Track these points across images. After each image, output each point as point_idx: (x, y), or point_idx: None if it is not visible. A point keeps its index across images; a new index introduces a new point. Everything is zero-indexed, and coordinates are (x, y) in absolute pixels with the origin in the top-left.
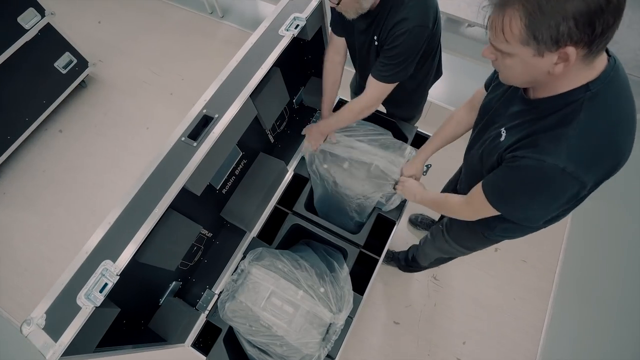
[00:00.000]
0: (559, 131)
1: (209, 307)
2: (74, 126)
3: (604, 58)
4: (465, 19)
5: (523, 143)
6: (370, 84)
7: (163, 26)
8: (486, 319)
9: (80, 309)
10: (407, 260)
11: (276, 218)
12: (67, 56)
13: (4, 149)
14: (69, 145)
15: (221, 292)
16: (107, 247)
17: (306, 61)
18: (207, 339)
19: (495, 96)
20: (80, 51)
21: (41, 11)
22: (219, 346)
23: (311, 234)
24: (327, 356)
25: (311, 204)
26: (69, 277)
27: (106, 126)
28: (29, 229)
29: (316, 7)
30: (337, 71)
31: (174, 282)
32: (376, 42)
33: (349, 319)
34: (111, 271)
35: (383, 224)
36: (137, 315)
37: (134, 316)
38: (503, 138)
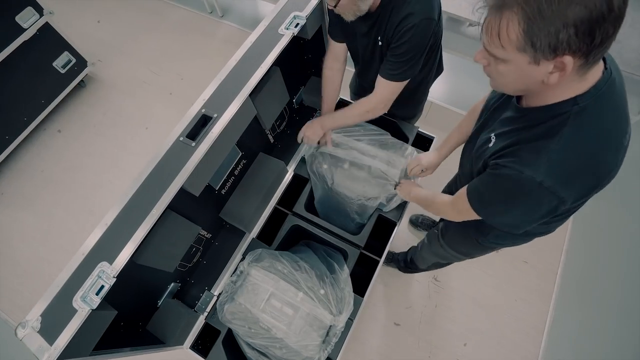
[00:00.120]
0: (541, 143)
1: (208, 309)
2: (72, 126)
3: (598, 70)
4: (466, 18)
5: (507, 151)
6: (379, 85)
7: (162, 26)
8: (487, 320)
9: (77, 311)
10: (406, 262)
11: (276, 219)
12: (65, 56)
13: (2, 149)
14: (67, 145)
15: (220, 294)
16: (104, 248)
17: (306, 60)
18: (205, 341)
19: (494, 97)
20: (79, 51)
21: (39, 10)
22: (218, 348)
23: (311, 235)
24: (327, 359)
25: (311, 205)
26: (65, 279)
27: (105, 126)
28: (28, 229)
29: (316, 5)
30: (337, 79)
31: (172, 284)
32: (380, 43)
33: (350, 321)
34: (108, 273)
35: (384, 225)
36: (135, 317)
37: (131, 318)
38: (491, 144)
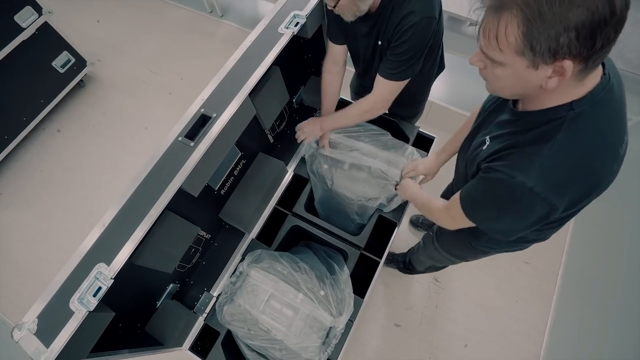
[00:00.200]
0: (534, 148)
1: (207, 310)
2: (72, 126)
3: (597, 75)
4: (466, 17)
5: (500, 155)
6: (378, 84)
7: (162, 25)
8: (488, 321)
9: (74, 313)
10: (405, 263)
11: (275, 219)
12: (65, 55)
13: (1, 148)
14: (67, 145)
15: (219, 295)
16: (101, 249)
17: (306, 60)
18: (205, 342)
19: (491, 99)
20: (79, 50)
21: (38, 9)
22: (217, 350)
23: (311, 235)
24: None
25: (311, 205)
26: (62, 281)
27: (104, 126)
28: (27, 229)
29: (316, 4)
30: (336, 82)
31: (171, 285)
32: (380, 43)
33: (350, 322)
34: (105, 274)
35: (384, 225)
36: (133, 319)
37: (130, 319)
38: (485, 146)
